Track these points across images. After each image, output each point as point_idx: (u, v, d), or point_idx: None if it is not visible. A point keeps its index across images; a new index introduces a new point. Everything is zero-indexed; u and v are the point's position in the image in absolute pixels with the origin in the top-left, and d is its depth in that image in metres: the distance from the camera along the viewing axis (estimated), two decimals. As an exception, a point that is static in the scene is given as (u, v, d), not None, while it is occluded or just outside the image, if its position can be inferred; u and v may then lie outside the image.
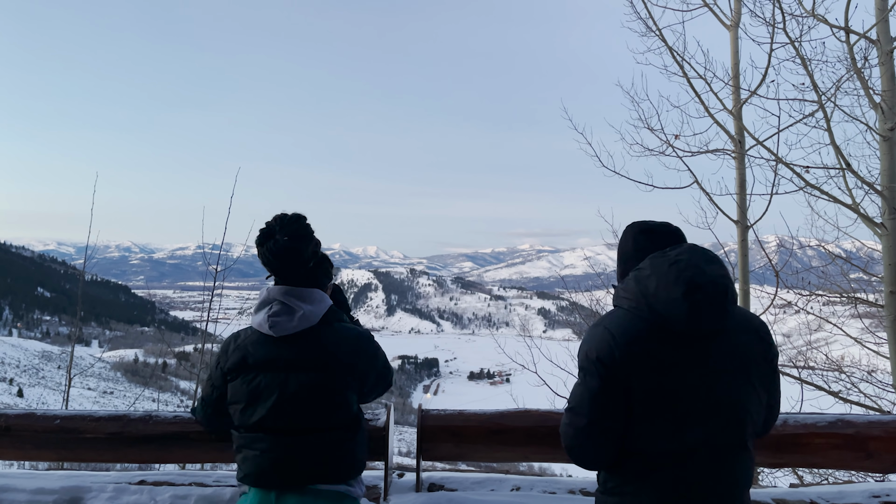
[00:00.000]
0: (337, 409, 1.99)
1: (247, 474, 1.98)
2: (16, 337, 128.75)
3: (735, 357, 1.67)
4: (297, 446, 1.94)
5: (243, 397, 2.00)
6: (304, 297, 2.03)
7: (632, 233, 1.90)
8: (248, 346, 2.04)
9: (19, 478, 3.12)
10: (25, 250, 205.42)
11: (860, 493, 3.01)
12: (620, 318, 1.71)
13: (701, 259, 1.66)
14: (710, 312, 1.60)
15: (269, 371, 1.98)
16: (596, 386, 1.67)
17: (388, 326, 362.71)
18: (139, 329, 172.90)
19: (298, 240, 2.03)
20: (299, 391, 1.95)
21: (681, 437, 1.63)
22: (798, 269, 6.79)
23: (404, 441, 34.83)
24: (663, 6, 6.44)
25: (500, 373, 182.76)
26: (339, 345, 2.02)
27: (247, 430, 2.00)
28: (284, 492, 1.94)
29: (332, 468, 1.98)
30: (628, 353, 1.63)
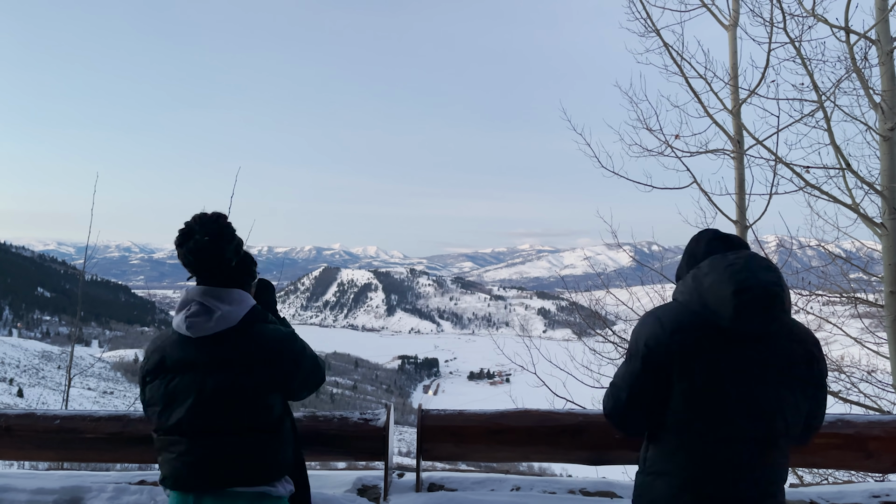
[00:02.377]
0: (256, 410, 1.94)
1: (165, 477, 1.97)
2: (16, 337, 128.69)
3: (776, 363, 1.77)
4: (214, 449, 1.91)
5: (160, 399, 1.97)
6: (222, 298, 1.98)
7: (706, 237, 2.04)
8: (167, 347, 2.01)
9: (19, 478, 3.13)
10: (25, 250, 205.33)
11: (860, 493, 3.02)
12: (672, 309, 1.87)
13: (756, 265, 1.78)
14: (757, 314, 1.71)
15: (187, 372, 1.94)
16: (639, 368, 1.82)
17: (388, 326, 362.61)
18: (139, 329, 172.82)
19: (219, 239, 1.98)
20: (216, 393, 1.91)
21: (711, 425, 1.76)
22: (798, 269, 6.79)
23: (404, 441, 34.81)
24: (662, 6, 6.44)
25: (499, 373, 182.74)
26: (259, 346, 1.97)
27: (164, 433, 1.97)
28: (202, 495, 1.92)
29: (251, 470, 1.94)
30: (673, 341, 1.77)
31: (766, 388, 1.75)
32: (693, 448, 1.78)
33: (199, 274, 2.03)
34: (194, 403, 1.91)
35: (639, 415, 1.86)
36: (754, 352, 1.75)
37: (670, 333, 1.78)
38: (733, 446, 1.76)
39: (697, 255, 2.00)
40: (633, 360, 1.85)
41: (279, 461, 2.01)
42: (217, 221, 2.00)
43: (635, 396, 1.84)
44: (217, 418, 1.91)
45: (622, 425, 1.94)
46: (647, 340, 1.81)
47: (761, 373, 1.75)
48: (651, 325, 1.84)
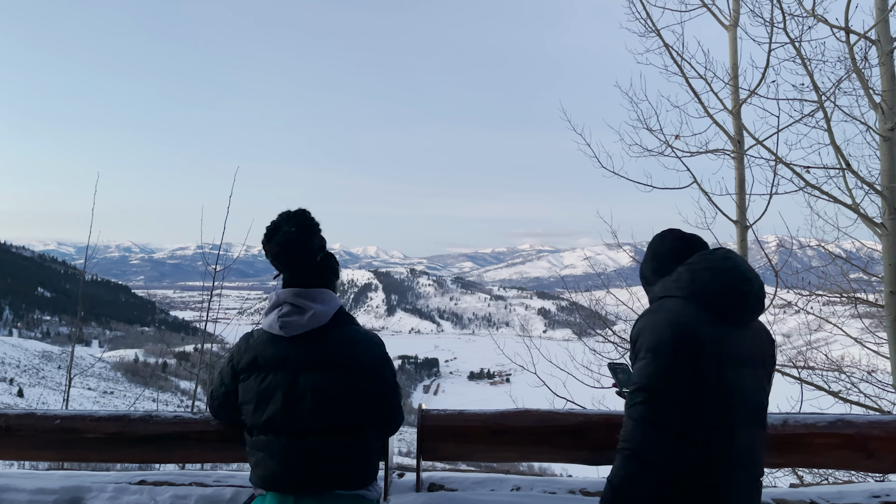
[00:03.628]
0: (347, 411, 1.96)
1: (261, 477, 1.96)
2: (16, 337, 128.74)
3: (756, 349, 1.96)
4: (311, 449, 1.92)
5: (254, 397, 1.99)
6: (313, 298, 2.01)
7: (670, 238, 2.16)
8: (259, 345, 2.03)
9: (19, 478, 3.12)
10: (25, 250, 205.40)
11: (860, 493, 3.01)
12: (680, 305, 1.93)
13: (740, 260, 2.01)
14: (755, 302, 1.92)
15: (279, 370, 1.96)
16: (667, 364, 1.84)
17: (388, 326, 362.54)
18: (139, 329, 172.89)
19: (306, 229, 2.03)
20: (308, 391, 1.93)
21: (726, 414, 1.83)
22: (798, 269, 6.79)
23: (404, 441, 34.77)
24: (662, 7, 6.44)
25: (500, 373, 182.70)
26: (349, 346, 2.00)
27: (259, 432, 1.98)
28: (302, 496, 1.92)
29: (350, 473, 1.96)
30: (693, 334, 1.84)
31: (756, 375, 1.92)
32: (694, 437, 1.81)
33: (289, 268, 2.05)
34: (285, 401, 1.93)
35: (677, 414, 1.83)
36: (743, 342, 1.91)
37: (689, 327, 1.85)
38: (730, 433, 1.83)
39: (664, 254, 2.12)
40: (659, 359, 1.84)
41: (371, 464, 2.04)
42: (303, 213, 2.07)
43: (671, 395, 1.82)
44: (309, 417, 1.92)
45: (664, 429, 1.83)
46: (673, 336, 1.84)
47: (753, 360, 1.92)
48: (669, 320, 1.88)
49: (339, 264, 2.22)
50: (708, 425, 1.82)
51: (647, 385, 1.85)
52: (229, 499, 2.89)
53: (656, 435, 1.82)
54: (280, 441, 1.93)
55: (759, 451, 1.92)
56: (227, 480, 3.07)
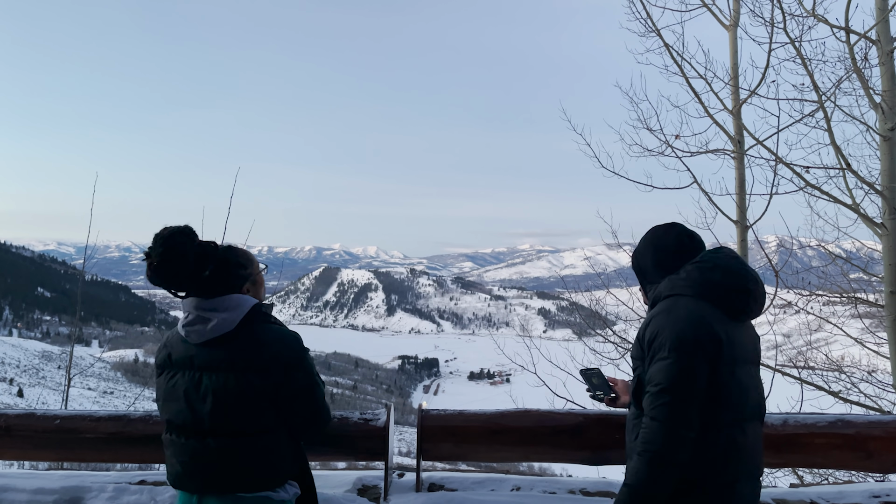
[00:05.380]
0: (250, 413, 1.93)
1: (168, 475, 2.02)
2: (16, 337, 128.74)
3: (753, 346, 2.04)
4: (211, 451, 1.91)
5: (162, 394, 2.01)
6: (216, 307, 1.96)
7: (676, 232, 2.14)
8: (173, 343, 2.04)
9: (19, 478, 3.12)
10: (25, 250, 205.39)
11: (860, 493, 3.01)
12: (695, 303, 1.94)
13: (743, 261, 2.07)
14: (761, 301, 2.01)
15: (185, 369, 1.97)
16: (689, 364, 1.84)
17: (388, 326, 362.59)
18: (139, 329, 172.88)
19: (171, 259, 1.90)
20: (210, 392, 1.91)
21: (738, 410, 1.90)
22: (798, 269, 6.78)
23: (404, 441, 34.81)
24: (662, 6, 6.43)
25: (500, 373, 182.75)
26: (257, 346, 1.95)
27: (166, 430, 2.02)
28: (204, 496, 1.93)
29: (252, 475, 1.93)
30: (713, 332, 1.87)
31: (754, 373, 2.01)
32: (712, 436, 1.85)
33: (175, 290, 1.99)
34: (188, 400, 1.93)
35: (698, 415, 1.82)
36: (745, 338, 1.98)
37: (709, 325, 1.87)
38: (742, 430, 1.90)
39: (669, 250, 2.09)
40: (682, 359, 1.83)
41: (279, 467, 1.99)
42: (169, 240, 1.91)
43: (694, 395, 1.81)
44: (210, 418, 1.91)
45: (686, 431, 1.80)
46: (696, 335, 1.86)
47: (754, 356, 2.02)
48: (688, 320, 1.89)
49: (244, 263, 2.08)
50: (724, 423, 1.87)
51: (672, 385, 1.82)
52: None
53: (682, 436, 1.80)
54: (180, 441, 1.95)
55: (760, 446, 1.99)
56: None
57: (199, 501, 1.93)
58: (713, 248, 2.09)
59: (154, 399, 2.10)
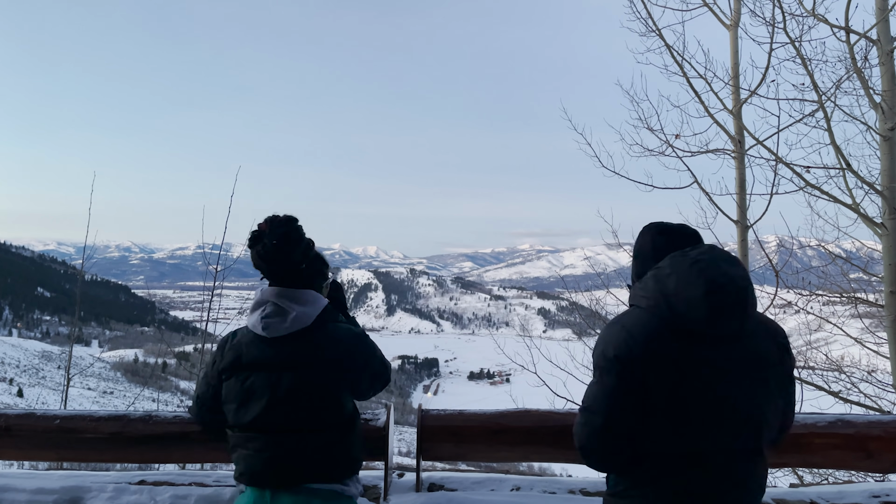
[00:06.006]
0: (329, 408, 1.99)
1: (242, 473, 2.00)
2: (16, 337, 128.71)
3: (754, 361, 1.66)
4: (290, 446, 1.95)
5: (237, 396, 2.01)
6: (296, 299, 2.03)
7: (650, 233, 1.90)
8: (243, 345, 2.05)
9: (19, 478, 3.12)
10: (25, 250, 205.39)
11: (860, 493, 3.01)
12: (639, 316, 1.70)
13: (721, 259, 1.66)
14: (731, 314, 1.60)
15: (262, 371, 1.99)
16: (613, 384, 1.65)
17: (388, 326, 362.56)
18: (139, 329, 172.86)
19: (287, 243, 2.03)
20: (291, 390, 1.95)
21: (696, 440, 1.62)
22: (798, 269, 6.78)
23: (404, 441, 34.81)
24: (663, 6, 6.44)
25: (499, 373, 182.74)
26: (331, 345, 2.02)
27: (241, 430, 2.01)
28: (278, 490, 1.95)
29: (326, 467, 1.99)
30: (646, 351, 1.62)
31: (747, 393, 1.64)
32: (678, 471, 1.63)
33: (269, 275, 2.08)
34: (269, 401, 1.95)
35: (620, 441, 1.65)
36: (730, 353, 1.64)
37: (643, 343, 1.62)
38: (720, 463, 1.63)
39: (646, 253, 1.87)
40: (606, 377, 1.66)
41: (351, 459, 2.06)
42: (287, 224, 2.05)
43: (614, 418, 1.64)
44: (291, 415, 1.95)
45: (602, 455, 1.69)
46: (618, 353, 1.64)
47: (741, 376, 1.64)
48: (618, 336, 1.67)
49: (327, 264, 2.23)
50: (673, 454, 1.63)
51: (589, 407, 1.70)
52: (229, 499, 2.89)
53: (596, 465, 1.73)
54: (259, 438, 1.97)
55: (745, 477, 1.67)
56: (227, 480, 3.07)
57: (272, 497, 1.95)
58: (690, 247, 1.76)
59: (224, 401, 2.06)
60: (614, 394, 1.64)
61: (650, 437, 1.63)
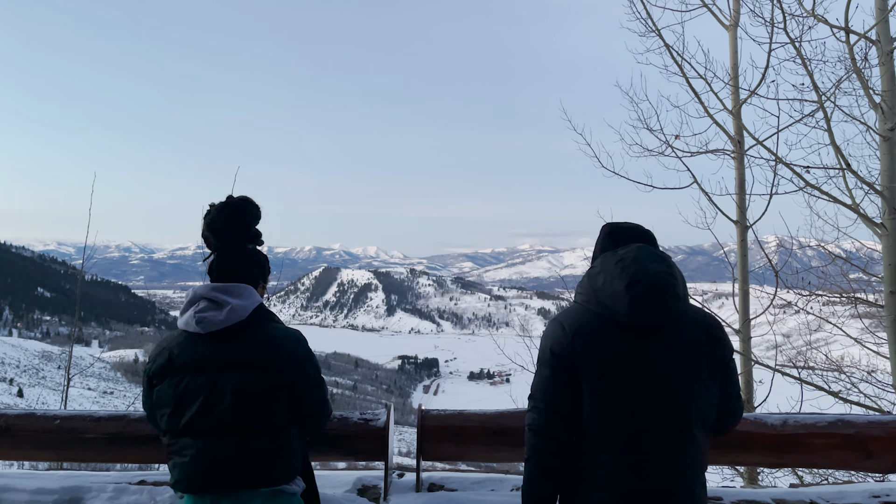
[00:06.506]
0: (266, 411, 1.93)
1: (178, 480, 1.93)
2: (16, 337, 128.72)
3: (682, 351, 1.79)
4: (228, 450, 1.89)
5: (170, 401, 1.93)
6: (231, 292, 1.98)
7: (602, 232, 2.04)
8: (174, 347, 1.97)
9: (19, 478, 3.12)
10: (25, 250, 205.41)
11: (860, 493, 3.01)
12: (573, 311, 1.88)
13: (645, 257, 1.80)
14: (651, 306, 1.74)
15: (198, 372, 1.92)
16: (549, 374, 1.82)
17: (388, 326, 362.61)
18: (139, 329, 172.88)
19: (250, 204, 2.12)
20: (228, 392, 1.89)
21: (627, 423, 1.75)
22: (798, 269, 6.78)
23: (404, 441, 34.81)
24: (662, 6, 6.44)
25: (499, 373, 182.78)
26: (268, 344, 1.96)
27: (174, 436, 1.94)
28: (219, 497, 1.90)
29: (267, 471, 1.93)
30: (576, 343, 1.78)
31: (674, 379, 1.76)
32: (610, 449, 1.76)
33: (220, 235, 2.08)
34: (204, 403, 1.89)
35: (560, 424, 1.79)
36: (658, 344, 1.77)
37: (572, 336, 1.79)
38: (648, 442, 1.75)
39: (596, 252, 2.03)
40: (543, 368, 1.84)
41: (291, 461, 2.01)
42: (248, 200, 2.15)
43: (552, 404, 1.80)
44: (228, 418, 1.89)
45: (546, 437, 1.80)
46: (552, 346, 1.82)
47: (668, 364, 1.76)
48: (554, 330, 1.85)
49: (268, 266, 2.21)
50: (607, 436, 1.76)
51: (533, 394, 1.86)
52: None
53: (543, 444, 1.80)
54: (197, 443, 1.90)
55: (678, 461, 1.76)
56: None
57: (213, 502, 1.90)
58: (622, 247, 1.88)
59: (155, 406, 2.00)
60: (551, 383, 1.81)
61: (587, 419, 1.77)
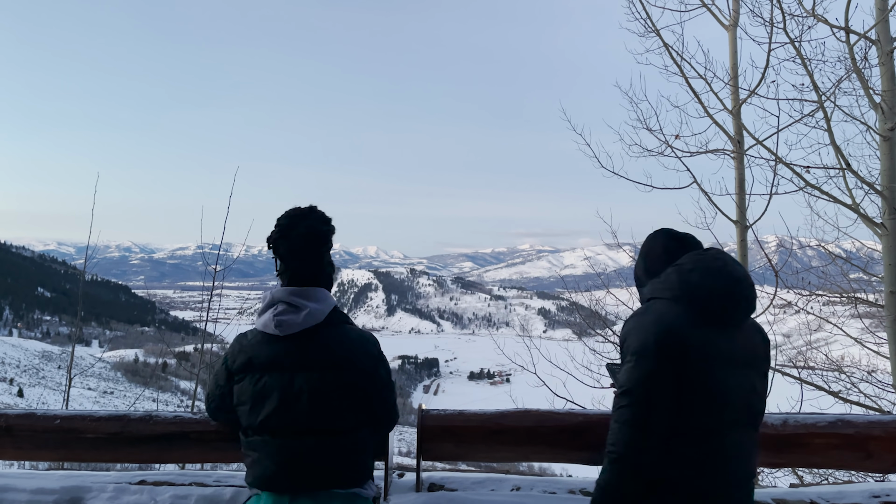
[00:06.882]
0: (342, 411, 1.97)
1: (256, 477, 1.97)
2: (16, 337, 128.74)
3: (750, 350, 1.94)
4: (308, 450, 1.93)
5: (249, 398, 1.99)
6: (308, 296, 2.02)
7: (662, 237, 2.15)
8: (254, 346, 2.03)
9: (19, 478, 3.12)
10: (25, 250, 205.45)
11: (860, 493, 3.01)
12: (667, 307, 1.92)
13: (733, 262, 1.97)
14: (745, 304, 1.90)
15: (275, 371, 1.97)
16: (652, 368, 1.83)
17: (388, 326, 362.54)
18: (139, 329, 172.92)
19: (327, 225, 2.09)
20: (303, 391, 1.93)
21: (709, 417, 1.83)
22: (798, 269, 6.78)
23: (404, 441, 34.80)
24: (662, 6, 6.44)
25: (500, 373, 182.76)
26: (342, 345, 2.00)
27: (254, 432, 1.99)
28: (297, 496, 1.92)
29: (344, 472, 1.96)
30: (680, 337, 1.83)
31: (747, 376, 1.90)
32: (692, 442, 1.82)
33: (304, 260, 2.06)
34: (281, 401, 1.94)
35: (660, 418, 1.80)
36: (736, 342, 1.89)
37: (677, 330, 1.84)
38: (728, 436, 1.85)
39: (657, 254, 2.11)
40: (644, 362, 1.83)
41: (366, 463, 2.04)
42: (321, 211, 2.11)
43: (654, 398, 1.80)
44: (305, 417, 1.93)
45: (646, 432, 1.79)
46: (657, 339, 1.83)
47: (743, 361, 1.90)
48: (655, 324, 1.87)
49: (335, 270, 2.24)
50: (695, 428, 1.82)
51: (632, 388, 1.84)
52: (229, 499, 2.89)
53: (641, 438, 1.80)
54: (276, 441, 1.94)
55: (749, 453, 1.92)
56: (227, 480, 3.07)
57: (291, 501, 1.92)
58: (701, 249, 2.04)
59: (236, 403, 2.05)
60: (654, 376, 1.83)
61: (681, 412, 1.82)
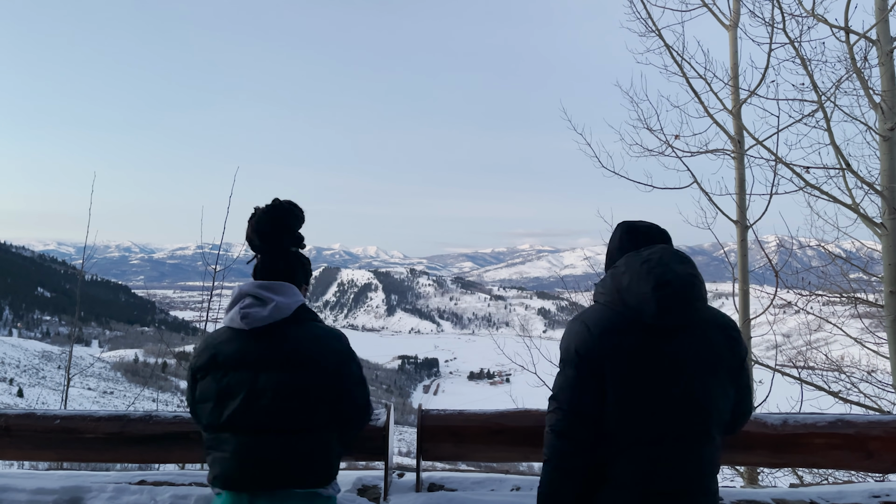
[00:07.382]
0: (306, 409, 1.93)
1: (216, 476, 1.94)
2: (16, 337, 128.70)
3: (704, 352, 1.80)
4: (269, 448, 1.90)
5: (212, 396, 1.97)
6: (275, 290, 2.01)
7: (619, 231, 2.03)
8: (219, 343, 2.01)
9: (19, 478, 3.12)
10: (25, 250, 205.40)
11: (860, 493, 3.01)
12: (596, 311, 1.86)
13: (671, 258, 1.79)
14: (678, 307, 1.73)
15: (240, 369, 1.95)
16: (574, 375, 1.79)
17: (388, 326, 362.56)
18: (139, 329, 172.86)
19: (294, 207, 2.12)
20: (268, 389, 1.90)
21: (650, 424, 1.75)
22: (798, 269, 6.78)
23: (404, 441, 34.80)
24: (662, 6, 6.44)
25: (499, 373, 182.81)
26: (309, 342, 1.97)
27: (215, 430, 1.96)
28: (256, 495, 1.90)
29: (305, 472, 1.93)
30: (602, 344, 1.76)
31: (696, 381, 1.77)
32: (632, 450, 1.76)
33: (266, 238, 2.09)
34: (245, 399, 1.91)
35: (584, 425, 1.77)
36: (681, 345, 1.77)
37: (598, 337, 1.77)
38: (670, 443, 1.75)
39: (613, 251, 2.01)
40: (567, 369, 1.82)
41: (330, 462, 2.01)
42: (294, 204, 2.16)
43: (576, 406, 1.77)
44: (268, 416, 1.90)
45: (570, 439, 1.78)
46: (578, 347, 1.79)
47: (690, 365, 1.77)
48: (579, 330, 1.82)
49: (310, 269, 2.23)
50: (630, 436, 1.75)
51: (556, 395, 1.83)
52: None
53: (566, 444, 1.78)
54: (237, 439, 1.91)
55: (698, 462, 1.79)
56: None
57: (249, 501, 1.90)
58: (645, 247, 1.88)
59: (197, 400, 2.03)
60: (575, 383, 1.79)
61: (610, 420, 1.76)
